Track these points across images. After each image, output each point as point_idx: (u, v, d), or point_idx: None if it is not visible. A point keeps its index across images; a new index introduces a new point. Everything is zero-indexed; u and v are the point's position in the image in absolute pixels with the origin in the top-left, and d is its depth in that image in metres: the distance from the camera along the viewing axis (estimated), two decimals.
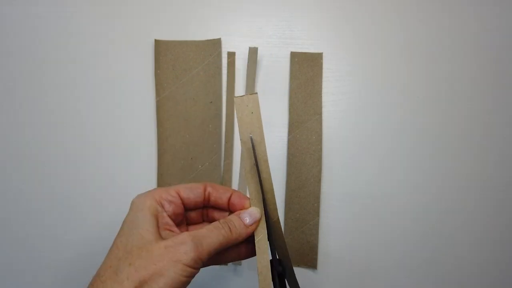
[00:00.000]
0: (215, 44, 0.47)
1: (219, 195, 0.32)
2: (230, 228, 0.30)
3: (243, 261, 0.46)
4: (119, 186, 0.46)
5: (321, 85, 0.47)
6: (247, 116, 0.31)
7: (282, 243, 0.33)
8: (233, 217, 0.31)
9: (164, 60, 0.47)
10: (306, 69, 0.47)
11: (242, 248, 0.33)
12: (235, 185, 0.47)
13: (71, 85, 0.47)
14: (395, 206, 0.46)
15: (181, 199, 0.31)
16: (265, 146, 0.32)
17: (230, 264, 0.46)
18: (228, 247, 0.30)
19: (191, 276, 0.27)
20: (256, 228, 0.31)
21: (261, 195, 0.32)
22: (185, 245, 0.26)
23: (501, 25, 0.48)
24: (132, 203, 0.29)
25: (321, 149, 0.46)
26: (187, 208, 0.32)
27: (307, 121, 0.47)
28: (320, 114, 0.47)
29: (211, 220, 0.33)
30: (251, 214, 0.31)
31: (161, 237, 0.28)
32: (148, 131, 0.47)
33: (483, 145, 0.47)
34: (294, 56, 0.47)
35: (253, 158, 0.31)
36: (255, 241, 0.31)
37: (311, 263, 0.45)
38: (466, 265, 0.45)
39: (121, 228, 0.29)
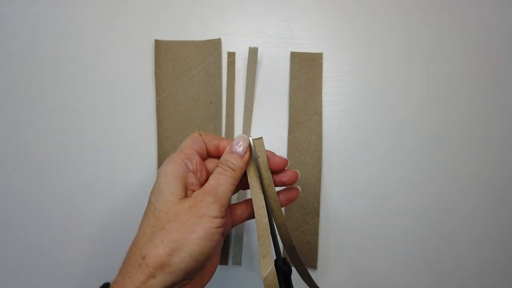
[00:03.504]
0: (215, 44, 0.47)
1: (209, 140, 0.33)
2: (230, 167, 0.31)
3: (243, 261, 0.46)
4: (119, 186, 0.46)
5: (321, 85, 0.47)
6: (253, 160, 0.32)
7: (290, 248, 0.34)
8: (226, 155, 0.32)
9: (164, 60, 0.47)
10: (306, 69, 0.47)
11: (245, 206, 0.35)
12: None
13: (71, 85, 0.47)
14: (395, 206, 0.46)
15: (196, 151, 0.32)
16: (274, 188, 0.32)
17: (230, 264, 0.46)
18: (237, 185, 0.31)
19: (220, 226, 0.28)
20: (250, 155, 0.32)
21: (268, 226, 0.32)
22: (204, 200, 0.28)
23: (501, 25, 0.48)
24: (158, 173, 0.30)
25: (321, 149, 0.46)
26: (203, 159, 0.33)
27: (307, 121, 0.47)
28: (320, 114, 0.47)
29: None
30: (239, 142, 0.32)
31: (186, 196, 0.29)
32: (148, 131, 0.47)
33: (483, 145, 0.47)
34: (294, 56, 0.47)
35: (263, 198, 0.32)
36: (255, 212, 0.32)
37: (311, 263, 0.45)
38: (466, 265, 0.45)
39: (149, 199, 0.30)
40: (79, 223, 0.46)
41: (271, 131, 0.47)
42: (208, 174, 0.33)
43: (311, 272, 0.46)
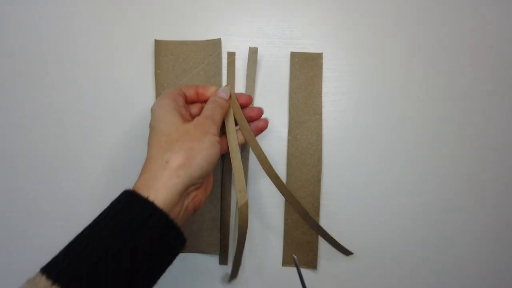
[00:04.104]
0: (215, 44, 0.47)
1: (187, 90, 0.39)
2: (219, 104, 0.38)
3: (243, 261, 0.46)
4: (119, 186, 0.46)
5: (321, 85, 0.47)
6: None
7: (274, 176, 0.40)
8: (215, 97, 0.38)
9: (164, 60, 0.47)
10: (306, 69, 0.47)
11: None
12: (234, 185, 0.46)
13: (71, 85, 0.47)
14: (394, 206, 0.46)
15: (185, 96, 0.39)
16: (246, 122, 0.40)
17: (229, 264, 0.46)
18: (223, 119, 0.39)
19: (218, 142, 0.35)
20: (230, 101, 0.40)
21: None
22: (206, 122, 0.35)
23: (502, 25, 0.48)
24: (153, 109, 0.36)
25: (321, 149, 0.46)
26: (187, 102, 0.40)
27: (307, 121, 0.47)
28: (320, 114, 0.47)
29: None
30: (223, 91, 0.39)
31: (184, 122, 0.35)
32: (148, 131, 0.47)
33: (482, 145, 0.47)
34: (294, 56, 0.47)
35: (236, 139, 0.39)
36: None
37: (311, 263, 0.45)
38: (466, 265, 0.45)
39: (153, 128, 0.35)
40: (79, 223, 0.46)
41: (271, 131, 0.47)
42: (192, 113, 0.39)
43: (311, 272, 0.46)
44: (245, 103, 0.41)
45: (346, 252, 0.45)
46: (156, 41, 0.47)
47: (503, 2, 0.48)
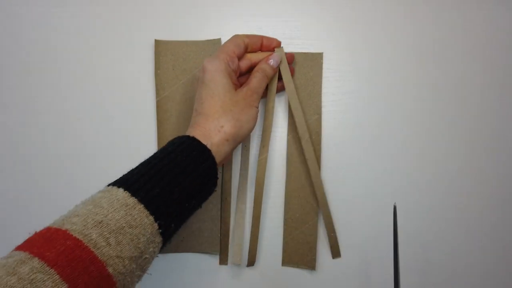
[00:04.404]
0: (215, 44, 0.47)
1: (254, 42, 0.44)
2: (266, 75, 0.42)
3: (243, 261, 0.46)
4: None
5: (321, 85, 0.47)
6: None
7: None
8: (264, 65, 0.43)
9: (164, 60, 0.47)
10: (306, 69, 0.47)
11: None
12: (234, 185, 0.47)
13: (71, 85, 0.48)
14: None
15: (236, 55, 0.42)
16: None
17: (229, 264, 0.46)
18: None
19: (257, 114, 0.41)
20: (277, 68, 0.44)
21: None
22: (252, 95, 0.40)
23: (506, 25, 0.48)
24: (206, 67, 0.39)
25: (321, 149, 0.46)
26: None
27: (307, 121, 0.47)
28: (320, 114, 0.47)
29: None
30: (274, 58, 0.43)
31: (234, 89, 0.40)
32: (148, 131, 0.47)
33: (483, 145, 0.46)
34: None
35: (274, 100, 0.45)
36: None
37: (310, 263, 0.45)
38: (468, 267, 0.45)
39: (206, 85, 0.39)
40: None
41: (271, 131, 0.47)
42: (241, 71, 0.43)
43: (310, 272, 0.46)
44: (289, 61, 0.46)
45: (337, 254, 0.45)
46: (156, 41, 0.47)
47: (510, 3, 0.48)
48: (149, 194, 0.31)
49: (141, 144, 0.47)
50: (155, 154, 0.36)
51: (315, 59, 0.47)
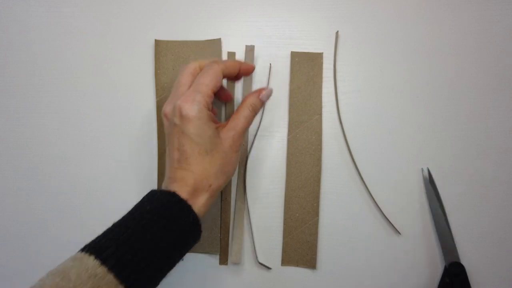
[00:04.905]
0: (215, 44, 0.47)
1: (231, 70, 0.39)
2: (255, 110, 0.39)
3: (243, 260, 0.46)
4: (119, 186, 0.47)
5: (321, 85, 0.47)
6: None
7: None
8: (255, 100, 0.39)
9: (164, 60, 0.47)
10: (306, 69, 0.47)
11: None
12: (233, 184, 0.47)
13: (71, 85, 0.48)
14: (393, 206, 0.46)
15: (214, 92, 0.38)
16: None
17: (229, 264, 0.46)
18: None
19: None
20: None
21: None
22: (239, 140, 0.37)
23: (504, 24, 0.48)
24: (188, 116, 0.34)
25: (321, 149, 0.46)
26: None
27: (307, 121, 0.47)
28: (320, 114, 0.47)
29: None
30: (267, 94, 0.40)
31: (225, 135, 0.37)
32: (149, 131, 0.47)
33: (483, 146, 0.46)
34: (294, 56, 0.47)
35: None
36: None
37: (310, 263, 0.45)
38: (469, 266, 0.45)
39: (190, 135, 0.35)
40: (79, 223, 0.46)
41: (271, 131, 0.47)
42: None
43: (310, 271, 0.46)
44: (247, 74, 0.42)
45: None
46: (156, 41, 0.47)
47: (505, 2, 0.47)
48: (121, 261, 0.29)
49: (141, 144, 0.47)
50: (131, 211, 0.33)
51: (315, 59, 0.47)
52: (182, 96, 0.35)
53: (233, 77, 0.41)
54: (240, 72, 0.40)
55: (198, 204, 0.35)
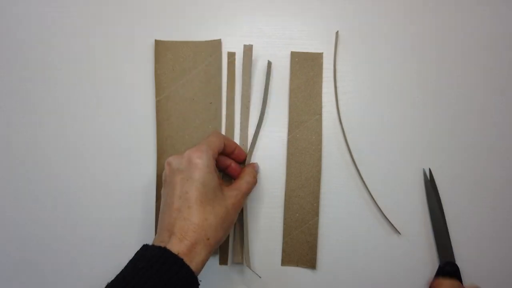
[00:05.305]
0: (215, 44, 0.47)
1: (228, 146, 0.42)
2: (254, 181, 0.42)
3: (243, 260, 0.46)
4: (118, 186, 0.47)
5: (321, 85, 0.47)
6: None
7: None
8: (255, 170, 0.43)
9: (164, 60, 0.47)
10: (306, 69, 0.47)
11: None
12: None
13: (70, 85, 0.48)
14: (393, 206, 0.46)
15: (218, 154, 0.40)
16: None
17: (231, 264, 0.46)
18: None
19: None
20: None
21: None
22: (242, 199, 0.39)
23: (507, 25, 0.48)
24: (198, 164, 0.36)
25: (321, 149, 0.46)
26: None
27: (307, 121, 0.47)
28: (320, 114, 0.47)
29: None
30: (257, 167, 0.45)
31: (229, 193, 0.38)
32: (148, 131, 0.47)
33: (483, 146, 0.46)
34: (294, 56, 0.47)
35: None
36: None
37: (310, 263, 0.46)
38: (465, 268, 0.45)
39: (197, 186, 0.35)
40: (78, 223, 0.46)
41: (271, 131, 0.47)
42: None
43: (310, 271, 0.46)
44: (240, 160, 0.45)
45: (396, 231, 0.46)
46: (156, 41, 0.47)
47: (509, 2, 0.48)
48: None
49: (141, 144, 0.47)
50: (123, 270, 0.32)
51: (315, 59, 0.47)
52: (190, 149, 0.37)
53: (228, 154, 0.43)
54: (235, 153, 0.43)
55: (197, 260, 0.33)
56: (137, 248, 0.34)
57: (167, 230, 0.34)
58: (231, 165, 0.44)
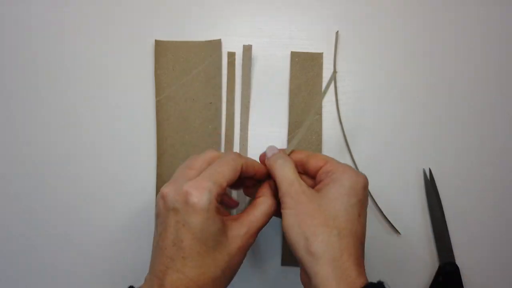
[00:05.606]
0: (215, 44, 0.47)
1: (249, 170, 0.35)
2: (274, 205, 0.34)
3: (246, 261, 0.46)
4: (118, 186, 0.47)
5: (321, 85, 0.47)
6: None
7: None
8: (271, 198, 0.35)
9: (164, 60, 0.47)
10: (306, 69, 0.47)
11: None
12: None
13: (70, 85, 0.48)
14: (393, 206, 0.46)
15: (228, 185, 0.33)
16: None
17: None
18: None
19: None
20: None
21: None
22: (248, 241, 0.32)
23: (505, 24, 0.48)
24: (195, 205, 0.29)
25: (321, 149, 0.46)
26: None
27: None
28: (320, 114, 0.47)
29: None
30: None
31: (225, 224, 0.32)
32: (148, 131, 0.47)
33: (483, 147, 0.46)
34: (294, 56, 0.47)
35: None
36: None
37: None
38: (465, 269, 0.45)
39: (195, 229, 0.29)
40: (78, 224, 0.46)
41: (271, 131, 0.47)
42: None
43: None
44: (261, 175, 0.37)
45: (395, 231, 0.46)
46: (156, 41, 0.47)
47: (507, 1, 0.48)
48: None
49: (141, 144, 0.47)
50: None
51: (315, 59, 0.47)
52: (192, 181, 0.30)
53: (238, 183, 0.36)
54: (256, 172, 0.35)
55: None
56: (136, 249, 0.34)
57: (158, 278, 0.29)
58: (245, 183, 0.37)
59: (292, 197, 0.32)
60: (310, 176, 0.36)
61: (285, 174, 0.33)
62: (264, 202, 0.34)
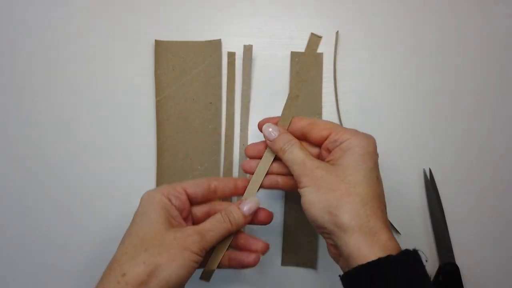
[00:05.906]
0: (215, 45, 0.47)
1: (224, 184, 0.36)
2: (230, 221, 0.34)
3: None
4: (117, 186, 0.47)
5: (321, 85, 0.47)
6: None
7: None
8: (233, 208, 0.35)
9: (164, 60, 0.47)
10: (306, 69, 0.47)
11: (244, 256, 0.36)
12: None
13: (71, 85, 0.48)
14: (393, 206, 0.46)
15: (187, 195, 0.35)
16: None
17: None
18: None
19: (198, 262, 0.31)
20: (250, 218, 0.36)
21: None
22: (192, 236, 0.31)
23: (507, 25, 0.48)
24: (142, 198, 0.34)
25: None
26: (192, 202, 0.36)
27: None
28: (320, 114, 0.47)
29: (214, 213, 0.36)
30: (250, 205, 0.35)
31: (171, 227, 0.32)
32: (148, 131, 0.47)
33: (483, 147, 0.46)
34: (294, 56, 0.47)
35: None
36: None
37: (311, 263, 0.45)
38: (465, 269, 0.45)
39: (133, 220, 0.33)
40: (78, 224, 0.46)
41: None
42: (191, 216, 0.36)
43: (311, 272, 0.46)
44: (265, 221, 0.37)
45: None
46: (156, 41, 0.47)
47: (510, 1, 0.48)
48: None
49: (141, 144, 0.47)
50: None
51: (315, 59, 0.47)
52: (161, 186, 0.34)
53: (229, 193, 0.37)
54: (237, 186, 0.36)
55: None
56: None
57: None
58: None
59: (307, 175, 0.32)
60: (314, 144, 0.36)
61: (294, 156, 0.33)
62: (217, 215, 0.34)
